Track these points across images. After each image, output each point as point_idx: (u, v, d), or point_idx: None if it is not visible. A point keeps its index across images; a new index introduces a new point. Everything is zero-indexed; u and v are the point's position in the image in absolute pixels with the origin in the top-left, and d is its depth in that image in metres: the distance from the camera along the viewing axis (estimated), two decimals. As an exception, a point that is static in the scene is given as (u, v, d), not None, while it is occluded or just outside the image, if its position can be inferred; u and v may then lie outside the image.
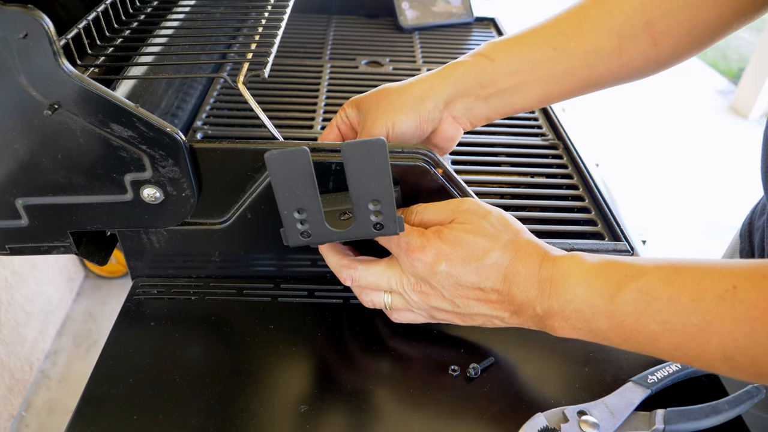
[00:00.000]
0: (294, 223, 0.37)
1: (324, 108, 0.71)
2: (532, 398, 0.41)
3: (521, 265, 0.37)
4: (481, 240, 0.38)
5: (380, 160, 0.35)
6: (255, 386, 0.41)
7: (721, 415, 0.38)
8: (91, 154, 0.40)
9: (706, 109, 2.89)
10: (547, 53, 0.46)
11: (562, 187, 0.61)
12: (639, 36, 0.45)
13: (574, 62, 0.46)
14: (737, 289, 0.31)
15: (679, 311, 0.32)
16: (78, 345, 1.49)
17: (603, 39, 0.45)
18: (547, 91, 0.47)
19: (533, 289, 0.37)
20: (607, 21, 0.45)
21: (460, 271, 0.38)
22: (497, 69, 0.46)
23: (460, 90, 0.47)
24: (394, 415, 0.40)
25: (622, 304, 0.34)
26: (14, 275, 1.29)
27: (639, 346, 0.35)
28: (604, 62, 0.46)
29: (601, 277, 0.35)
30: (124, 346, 0.44)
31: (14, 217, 0.42)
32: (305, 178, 0.35)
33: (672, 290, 0.33)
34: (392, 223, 0.37)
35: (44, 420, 1.32)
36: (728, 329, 0.31)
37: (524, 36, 0.47)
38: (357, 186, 0.36)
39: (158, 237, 0.47)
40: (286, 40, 0.89)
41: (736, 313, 0.30)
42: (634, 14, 0.45)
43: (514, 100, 0.48)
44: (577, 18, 0.46)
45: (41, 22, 0.34)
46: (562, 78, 0.47)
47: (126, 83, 0.48)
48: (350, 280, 0.42)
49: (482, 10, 1.01)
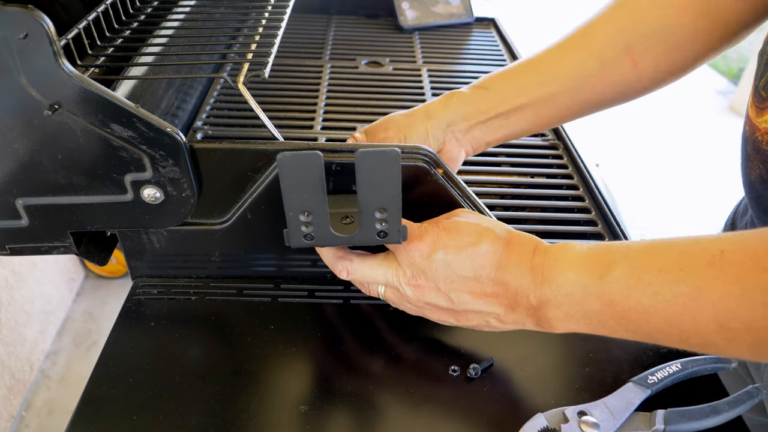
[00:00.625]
0: (299, 225, 0.37)
1: (324, 108, 0.71)
2: (532, 398, 0.41)
3: (514, 253, 0.38)
4: (476, 227, 0.39)
5: (393, 170, 0.35)
6: (255, 386, 0.41)
7: (722, 416, 0.38)
8: (91, 154, 0.40)
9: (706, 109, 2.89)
10: (535, 78, 0.50)
11: (562, 187, 0.61)
12: (619, 58, 0.49)
13: (561, 84, 0.50)
14: (725, 253, 0.31)
15: (669, 281, 0.32)
16: (78, 345, 1.49)
17: (585, 62, 0.49)
18: (539, 115, 0.51)
19: (526, 276, 0.37)
20: (588, 46, 0.49)
21: (456, 259, 0.38)
22: (493, 96, 0.50)
23: (461, 114, 0.50)
24: (394, 415, 0.40)
25: (612, 282, 0.34)
26: (14, 275, 1.29)
27: (633, 327, 0.34)
28: (588, 84, 0.50)
29: (590, 258, 0.36)
30: (124, 346, 0.44)
31: (14, 218, 0.42)
32: (315, 181, 0.35)
33: (661, 262, 0.33)
34: (396, 232, 0.38)
35: (44, 420, 1.32)
36: (719, 294, 0.30)
37: (516, 67, 0.52)
38: (366, 193, 0.36)
39: (158, 237, 0.47)
40: (287, 41, 0.89)
41: (726, 276, 0.30)
42: (612, 38, 0.49)
43: (509, 124, 0.51)
44: (561, 47, 0.51)
45: (41, 22, 0.34)
46: (552, 99, 0.50)
47: (126, 83, 0.48)
48: (345, 272, 0.42)
49: (482, 10, 1.01)
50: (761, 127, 0.43)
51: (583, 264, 0.35)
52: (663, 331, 0.33)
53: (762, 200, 0.46)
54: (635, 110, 2.79)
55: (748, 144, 0.46)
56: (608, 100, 0.51)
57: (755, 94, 0.44)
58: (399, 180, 0.35)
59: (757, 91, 0.44)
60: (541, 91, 0.50)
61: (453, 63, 0.86)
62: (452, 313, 0.40)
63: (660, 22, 0.47)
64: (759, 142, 0.44)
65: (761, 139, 0.43)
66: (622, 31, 0.48)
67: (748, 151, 0.46)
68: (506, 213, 0.57)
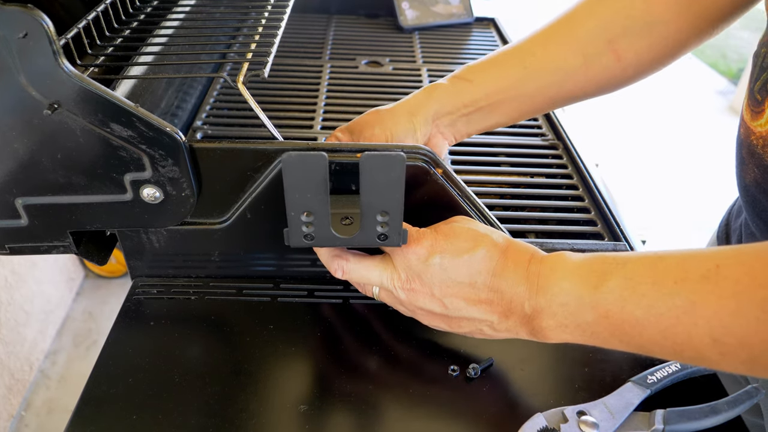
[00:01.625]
0: (300, 225, 0.37)
1: (324, 108, 0.71)
2: (531, 398, 0.41)
3: (510, 261, 0.38)
4: (474, 233, 0.39)
5: (397, 174, 0.35)
6: (255, 386, 0.41)
7: (721, 416, 0.38)
8: (90, 153, 0.40)
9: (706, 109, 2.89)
10: (519, 72, 0.50)
11: (562, 187, 0.61)
12: (603, 53, 0.49)
13: (544, 79, 0.50)
14: (720, 267, 0.30)
15: (664, 294, 0.32)
16: (78, 345, 1.49)
17: (569, 58, 0.49)
18: (521, 108, 0.51)
19: (522, 284, 0.37)
20: (571, 41, 0.49)
21: (453, 264, 0.38)
22: (476, 89, 0.50)
23: (446, 108, 0.50)
24: (394, 415, 0.40)
25: (607, 292, 0.34)
26: (14, 275, 1.29)
27: (627, 338, 0.34)
28: (571, 79, 0.50)
29: (586, 268, 0.35)
30: (124, 345, 0.44)
31: (14, 217, 0.42)
32: (319, 182, 0.35)
33: (655, 274, 0.32)
34: (397, 236, 0.38)
35: (44, 420, 1.32)
36: (713, 309, 0.30)
37: (498, 57, 0.51)
38: (369, 196, 0.36)
39: (158, 237, 0.47)
40: (286, 40, 0.89)
41: (721, 291, 0.30)
42: (596, 34, 0.49)
43: (492, 117, 0.52)
44: (544, 38, 0.51)
45: (41, 22, 0.34)
46: (534, 95, 0.51)
47: (126, 83, 0.48)
48: (341, 271, 0.42)
49: (482, 10, 1.01)
50: (756, 131, 0.43)
51: (578, 273, 0.35)
52: (657, 344, 0.33)
53: (757, 204, 0.45)
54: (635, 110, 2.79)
55: (743, 147, 0.45)
56: (591, 93, 0.51)
57: (750, 98, 0.44)
58: (403, 184, 0.35)
59: (752, 94, 0.44)
60: (524, 88, 0.50)
61: (453, 63, 0.86)
62: (445, 318, 0.40)
63: (643, 18, 0.47)
64: (754, 145, 0.43)
65: (756, 143, 0.43)
66: (606, 26, 0.48)
67: (743, 154, 0.46)
68: (506, 213, 0.57)
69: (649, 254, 0.34)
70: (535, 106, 0.52)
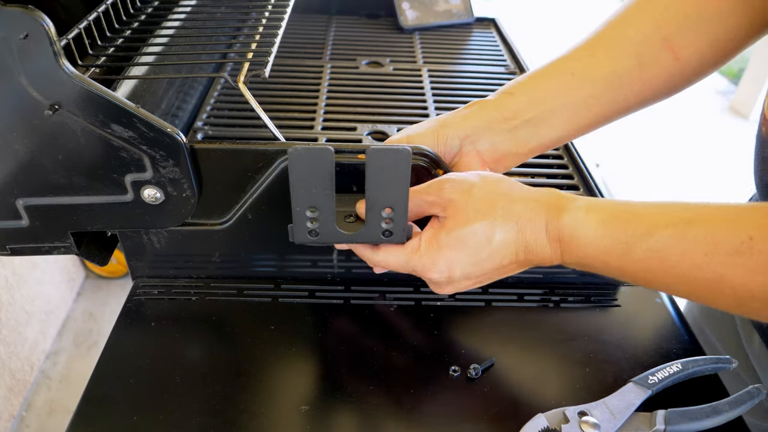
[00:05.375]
0: (304, 221, 0.38)
1: (324, 108, 0.71)
2: (532, 399, 0.41)
3: (528, 233, 0.38)
4: (480, 226, 0.37)
5: (403, 169, 0.35)
6: (256, 386, 0.41)
7: (722, 416, 0.38)
8: (91, 154, 0.40)
9: (706, 109, 2.89)
10: (566, 80, 0.46)
11: (562, 187, 0.61)
12: (658, 52, 0.45)
13: (595, 86, 0.45)
14: (753, 240, 0.30)
15: (693, 267, 0.32)
16: (78, 345, 1.49)
17: (621, 60, 0.45)
18: (575, 119, 0.46)
19: (546, 250, 0.38)
20: (622, 42, 0.45)
21: (477, 270, 0.39)
22: (517, 100, 0.46)
23: (484, 124, 0.45)
24: (395, 415, 0.40)
25: (633, 262, 0.35)
26: (15, 275, 1.29)
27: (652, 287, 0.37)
28: (625, 82, 0.45)
29: (608, 236, 0.36)
30: (125, 346, 0.44)
31: (15, 218, 0.42)
32: (325, 178, 0.35)
33: (684, 245, 0.33)
34: (401, 232, 0.38)
35: (45, 420, 1.32)
36: (742, 281, 0.31)
37: (543, 69, 0.47)
38: (374, 191, 0.36)
39: (159, 237, 0.47)
40: (287, 40, 0.89)
41: (753, 265, 0.30)
42: (649, 32, 0.45)
43: (540, 130, 0.46)
44: (592, 44, 0.46)
45: (42, 23, 0.34)
46: (586, 103, 0.46)
47: (127, 83, 0.48)
48: None
49: (482, 10, 1.01)
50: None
51: (602, 243, 0.36)
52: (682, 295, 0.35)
53: None
54: (635, 110, 2.78)
55: (765, 146, 0.44)
56: (648, 99, 0.47)
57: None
58: (408, 179, 0.36)
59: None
60: (573, 95, 0.45)
61: (453, 63, 0.86)
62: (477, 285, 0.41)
63: (698, 13, 0.44)
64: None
65: None
66: (659, 24, 0.45)
67: (764, 154, 0.44)
68: (507, 213, 0.57)
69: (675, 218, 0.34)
70: (591, 118, 0.46)
